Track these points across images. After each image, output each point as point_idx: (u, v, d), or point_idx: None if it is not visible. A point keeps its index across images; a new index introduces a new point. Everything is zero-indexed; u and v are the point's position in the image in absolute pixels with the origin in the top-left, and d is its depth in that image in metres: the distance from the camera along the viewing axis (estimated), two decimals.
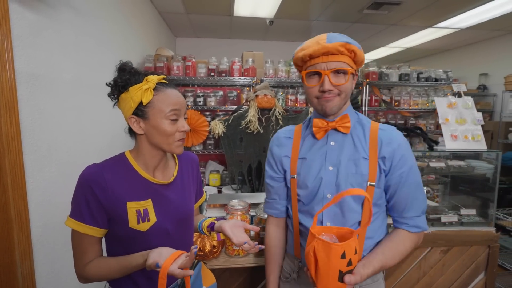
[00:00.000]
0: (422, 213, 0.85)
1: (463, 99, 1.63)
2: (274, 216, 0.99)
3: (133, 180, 0.79)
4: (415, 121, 3.17)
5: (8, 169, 1.09)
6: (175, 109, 0.76)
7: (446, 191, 2.22)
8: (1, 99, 1.06)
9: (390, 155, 0.81)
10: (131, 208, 0.76)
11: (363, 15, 3.60)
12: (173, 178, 0.86)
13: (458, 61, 5.27)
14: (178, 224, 0.85)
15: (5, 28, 1.07)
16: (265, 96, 2.67)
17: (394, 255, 0.81)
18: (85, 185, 0.74)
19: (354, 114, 0.90)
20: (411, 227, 0.84)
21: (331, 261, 0.64)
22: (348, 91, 0.83)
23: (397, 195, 0.83)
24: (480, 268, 1.57)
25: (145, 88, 0.73)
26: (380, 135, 0.83)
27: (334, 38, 0.78)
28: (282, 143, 0.94)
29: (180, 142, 0.80)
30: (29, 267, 1.19)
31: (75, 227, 0.75)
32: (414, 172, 0.83)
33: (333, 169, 0.84)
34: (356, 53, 0.78)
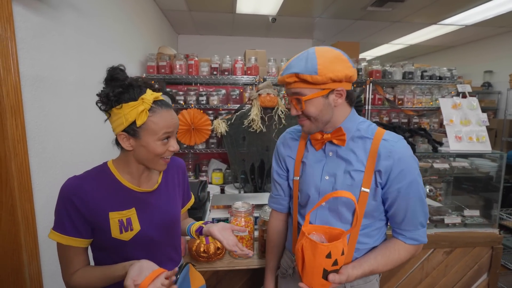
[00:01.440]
0: (422, 226, 0.84)
1: (468, 100, 1.62)
2: (278, 211, 1.04)
3: (115, 190, 0.79)
4: (418, 120, 3.16)
5: (15, 172, 1.10)
6: (169, 131, 0.76)
7: (449, 189, 2.21)
8: (6, 102, 1.06)
9: (386, 169, 0.79)
10: (113, 218, 0.76)
11: (366, 12, 3.56)
12: (157, 185, 0.85)
13: (463, 58, 5.22)
14: (163, 231, 0.85)
15: (10, 31, 1.07)
16: (268, 95, 2.66)
17: (386, 262, 0.82)
18: (66, 198, 0.74)
19: (354, 124, 0.86)
20: (407, 239, 0.84)
21: (317, 259, 0.68)
22: (315, 115, 0.81)
23: (394, 208, 0.83)
24: (483, 269, 1.57)
25: (141, 110, 0.71)
26: (381, 147, 0.81)
27: (287, 69, 0.80)
28: (288, 143, 0.98)
29: (165, 161, 0.79)
30: (36, 268, 1.21)
31: (58, 239, 0.75)
32: (415, 187, 0.80)
33: (330, 178, 0.85)
34: (307, 79, 0.76)
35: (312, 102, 0.80)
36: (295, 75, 0.78)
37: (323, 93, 0.79)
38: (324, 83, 0.77)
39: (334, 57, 0.78)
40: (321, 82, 0.76)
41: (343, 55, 0.80)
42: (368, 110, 2.99)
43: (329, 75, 0.76)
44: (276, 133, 2.80)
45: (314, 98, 0.79)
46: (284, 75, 0.81)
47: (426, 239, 0.85)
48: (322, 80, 0.76)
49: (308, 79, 0.76)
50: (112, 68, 0.78)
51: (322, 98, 0.80)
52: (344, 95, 0.81)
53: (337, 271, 0.72)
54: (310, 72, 0.76)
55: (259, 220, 1.25)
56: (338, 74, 0.76)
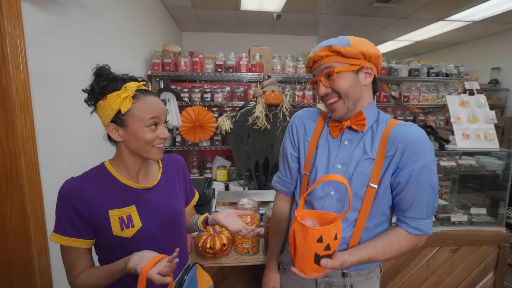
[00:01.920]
0: (428, 217, 0.81)
1: (476, 97, 1.60)
2: (283, 193, 1.03)
3: (114, 188, 0.79)
4: (424, 117, 3.13)
5: (24, 168, 1.12)
6: (154, 116, 0.76)
7: (455, 187, 2.20)
8: (16, 100, 1.08)
9: (400, 151, 0.78)
10: (113, 216, 0.76)
11: (372, 8, 3.52)
12: (156, 181, 0.86)
13: (470, 54, 5.15)
14: (165, 227, 0.85)
15: (19, 28, 1.08)
16: (272, 92, 2.65)
17: (385, 251, 0.80)
18: (64, 199, 0.74)
19: (374, 113, 0.86)
20: (410, 228, 0.81)
21: (308, 243, 0.68)
22: (346, 90, 0.80)
23: (403, 193, 0.80)
24: (489, 267, 1.57)
25: (124, 97, 0.72)
26: (394, 131, 0.80)
27: (319, 46, 0.82)
28: (304, 123, 0.95)
29: (158, 149, 0.79)
30: (45, 262, 1.23)
31: (59, 241, 0.75)
32: (427, 173, 0.77)
33: (341, 167, 0.85)
34: (341, 50, 0.78)
35: (343, 75, 0.80)
36: (327, 48, 0.80)
37: (354, 68, 0.80)
38: (356, 57, 0.79)
39: (363, 39, 0.82)
40: (354, 55, 0.78)
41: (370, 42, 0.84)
42: None
43: (361, 48, 0.78)
44: (280, 130, 2.80)
45: (346, 72, 0.80)
46: (316, 50, 0.82)
47: (431, 231, 0.82)
48: (355, 52, 0.78)
49: (341, 50, 0.78)
50: (98, 67, 0.80)
51: (353, 74, 0.81)
52: (373, 75, 0.83)
53: (330, 256, 0.71)
54: (344, 44, 0.79)
55: (264, 217, 1.26)
56: (369, 50, 0.79)
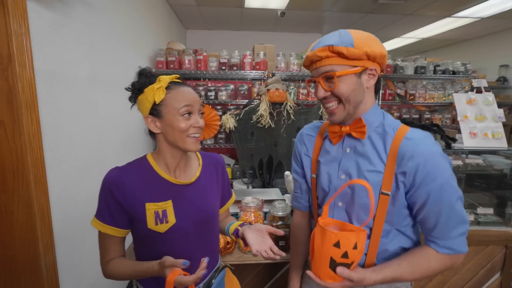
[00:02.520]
0: (460, 235, 0.73)
1: (484, 95, 1.57)
2: (298, 209, 1.01)
3: (153, 181, 0.80)
4: (430, 116, 3.09)
5: (31, 165, 1.13)
6: (188, 105, 0.76)
7: (461, 186, 2.17)
8: (22, 98, 1.09)
9: (412, 170, 0.72)
10: (149, 209, 0.78)
11: (378, 5, 3.48)
12: (194, 179, 0.85)
13: (477, 52, 5.07)
14: (199, 226, 0.84)
15: (24, 27, 1.09)
16: (276, 90, 2.64)
17: (413, 271, 0.74)
18: (106, 188, 0.77)
19: (378, 118, 0.79)
20: (440, 248, 0.74)
21: (324, 246, 0.67)
22: (347, 95, 0.74)
23: (424, 213, 0.74)
24: (496, 268, 1.54)
25: (157, 87, 0.75)
26: (403, 146, 0.73)
27: (318, 43, 0.75)
28: (304, 141, 0.94)
29: (194, 139, 0.79)
30: (52, 258, 1.24)
31: (97, 227, 0.79)
32: (447, 190, 0.71)
33: (346, 177, 0.80)
34: (343, 51, 0.71)
35: (344, 79, 0.74)
36: (328, 48, 0.72)
37: (357, 71, 0.73)
38: (359, 58, 0.72)
39: (368, 35, 0.74)
40: (357, 56, 0.71)
41: (375, 37, 0.75)
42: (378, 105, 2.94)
43: (366, 49, 0.71)
44: (284, 128, 2.79)
45: (347, 75, 0.74)
46: (315, 49, 0.74)
47: (465, 249, 0.74)
48: (359, 54, 0.71)
49: (343, 51, 0.70)
50: (141, 68, 0.83)
51: (355, 77, 0.74)
52: (377, 76, 0.76)
53: (348, 265, 0.69)
54: (346, 44, 0.71)
55: (268, 215, 1.25)
56: (374, 50, 0.72)
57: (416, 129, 0.77)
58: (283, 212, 1.22)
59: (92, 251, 1.58)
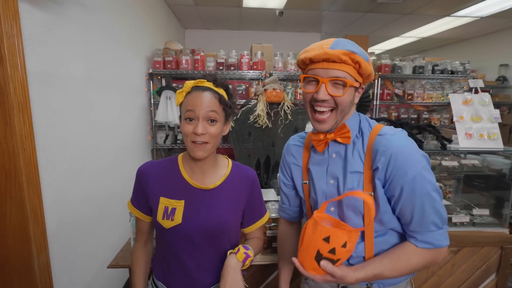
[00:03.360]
0: (438, 228, 0.73)
1: (480, 96, 1.56)
2: (285, 219, 1.01)
3: (174, 179, 0.85)
4: (428, 116, 3.08)
5: (23, 166, 1.13)
6: (189, 110, 0.77)
7: (459, 187, 2.16)
8: (14, 99, 1.08)
9: (384, 165, 0.73)
10: (161, 203, 0.83)
11: (376, 4, 3.47)
12: (213, 186, 0.85)
13: (477, 51, 5.05)
14: (205, 235, 0.83)
15: (16, 28, 1.09)
16: (274, 90, 2.64)
17: (393, 267, 0.74)
18: (137, 177, 0.87)
19: (356, 121, 0.81)
20: (419, 242, 0.74)
21: (314, 238, 0.69)
22: (345, 105, 0.75)
23: (400, 207, 0.75)
24: (492, 269, 1.54)
25: (179, 92, 0.80)
26: (376, 142, 0.75)
27: (339, 45, 0.71)
28: (291, 151, 0.94)
29: (193, 144, 0.77)
30: (45, 259, 1.24)
31: (129, 208, 0.90)
32: (420, 182, 0.71)
33: (334, 182, 0.81)
34: (361, 64, 0.71)
35: (349, 90, 0.75)
36: (350, 54, 0.70)
37: (357, 85, 0.76)
38: (362, 74, 0.75)
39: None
40: (364, 71, 0.73)
41: None
42: (376, 105, 2.94)
43: (370, 69, 0.74)
44: (282, 128, 2.79)
45: (351, 87, 0.75)
46: (339, 50, 0.70)
47: (446, 242, 0.74)
48: (367, 71, 0.73)
49: (361, 63, 0.71)
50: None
51: (354, 90, 0.77)
52: (361, 92, 0.79)
53: (333, 261, 0.70)
54: (366, 59, 0.72)
55: None
56: (371, 72, 0.75)
57: (388, 127, 0.79)
58: (277, 214, 1.22)
59: (87, 253, 1.58)
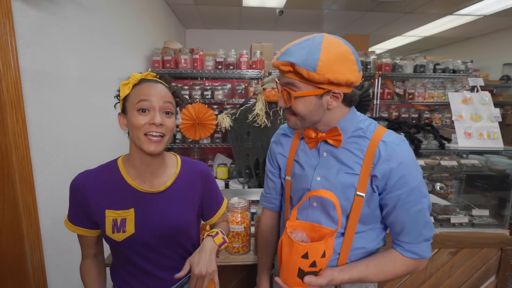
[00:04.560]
0: (425, 240, 0.76)
1: (480, 94, 1.54)
2: (269, 209, 1.02)
3: (118, 187, 0.77)
4: (430, 115, 3.05)
5: (16, 165, 1.13)
6: (143, 99, 0.71)
7: (461, 187, 2.13)
8: (6, 97, 1.08)
9: (384, 174, 0.72)
10: (108, 216, 0.76)
11: (377, 3, 3.44)
12: (164, 188, 0.80)
13: (480, 50, 4.98)
14: (163, 238, 0.80)
15: (9, 26, 1.09)
16: (272, 90, 2.62)
17: (378, 272, 0.76)
18: (71, 191, 0.78)
19: (353, 123, 0.78)
20: (406, 251, 0.77)
21: (292, 257, 0.68)
22: (304, 114, 0.73)
23: (393, 216, 0.76)
24: (491, 271, 1.51)
25: (125, 83, 0.74)
26: (380, 149, 0.73)
27: (283, 54, 0.70)
28: (280, 140, 0.93)
29: (150, 139, 0.72)
30: (39, 258, 1.24)
31: (68, 227, 0.81)
32: (416, 195, 0.72)
33: (321, 179, 0.80)
34: (304, 75, 0.67)
35: (303, 100, 0.72)
36: (290, 65, 0.68)
37: (317, 92, 0.70)
38: (320, 82, 0.68)
39: (340, 55, 0.67)
40: (318, 81, 0.67)
41: (352, 55, 0.69)
42: (376, 104, 2.91)
43: (328, 76, 0.66)
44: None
45: (306, 96, 0.71)
46: (279, 61, 0.70)
47: (429, 254, 0.77)
48: (319, 79, 0.67)
49: (303, 74, 0.67)
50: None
51: (315, 98, 0.71)
52: (341, 98, 0.72)
53: (316, 273, 0.69)
54: (308, 67, 0.66)
55: (256, 216, 1.24)
56: (338, 77, 0.66)
57: (392, 132, 0.77)
58: None
59: None
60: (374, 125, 0.78)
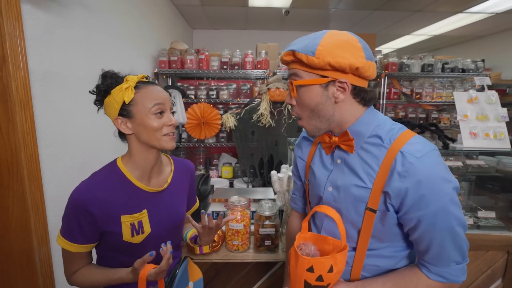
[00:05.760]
0: (456, 263, 0.66)
1: (486, 94, 1.50)
2: (295, 210, 1.01)
3: (127, 191, 0.78)
4: (438, 115, 2.99)
5: (24, 162, 1.17)
6: (158, 103, 0.75)
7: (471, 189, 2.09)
8: (16, 97, 1.13)
9: (399, 192, 0.63)
10: (125, 222, 0.76)
11: (385, 1, 3.39)
12: (166, 185, 0.86)
13: (493, 48, 4.85)
14: (171, 231, 0.86)
15: (18, 29, 1.13)
16: (277, 89, 2.63)
17: None
18: (77, 207, 0.72)
19: (370, 127, 0.70)
20: (432, 274, 0.67)
21: (298, 270, 0.67)
22: (311, 106, 0.68)
23: (416, 236, 0.66)
24: (497, 274, 1.48)
25: (126, 87, 0.74)
26: (396, 162, 0.63)
27: (287, 46, 0.70)
28: (300, 144, 0.91)
29: (168, 137, 0.78)
30: (46, 252, 1.29)
31: (66, 247, 0.75)
32: (444, 217, 0.62)
33: (332, 190, 0.75)
34: (303, 60, 0.65)
35: (307, 89, 0.68)
36: (292, 53, 0.67)
37: (321, 81, 0.66)
38: (321, 68, 0.64)
39: (343, 41, 0.64)
40: (318, 66, 0.64)
41: (358, 42, 0.66)
42: (382, 104, 2.88)
43: (328, 59, 0.62)
44: (285, 127, 2.77)
45: (310, 85, 0.67)
46: (283, 52, 0.71)
47: (462, 278, 0.66)
48: (319, 64, 0.63)
49: (303, 59, 0.64)
50: (104, 71, 0.82)
51: (320, 88, 0.67)
52: (348, 90, 0.66)
53: (324, 287, 0.67)
54: (307, 52, 0.64)
55: (255, 214, 1.25)
56: (339, 60, 0.62)
57: (419, 140, 0.66)
58: (270, 212, 1.22)
59: None
60: (397, 131, 0.68)
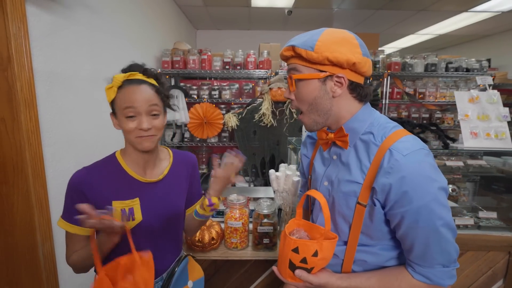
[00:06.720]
0: (442, 266, 0.65)
1: (488, 93, 1.49)
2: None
3: (121, 179, 0.81)
4: (441, 115, 2.97)
5: (29, 160, 1.20)
6: (129, 106, 0.74)
7: (476, 189, 2.07)
8: (20, 96, 1.16)
9: (383, 188, 0.65)
10: (116, 207, 0.79)
11: (389, 0, 3.38)
12: (162, 176, 0.87)
13: (499, 48, 4.79)
14: (165, 222, 0.86)
15: (23, 30, 1.16)
16: (279, 89, 2.63)
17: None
18: (73, 188, 0.77)
19: (365, 124, 0.72)
20: (416, 273, 0.68)
21: (285, 249, 0.71)
22: (310, 100, 0.71)
23: (401, 234, 0.68)
24: (498, 275, 1.47)
25: (109, 87, 0.76)
26: (384, 159, 0.65)
27: (287, 42, 0.73)
28: (305, 142, 0.96)
29: (141, 138, 0.76)
30: (49, 248, 1.32)
31: (65, 227, 0.80)
32: (426, 215, 0.62)
33: (327, 185, 0.78)
34: (303, 55, 0.68)
35: (306, 83, 0.70)
36: (292, 48, 0.70)
37: (320, 76, 0.69)
38: (320, 63, 0.67)
39: (341, 38, 0.67)
40: (316, 60, 0.67)
41: (356, 40, 0.69)
42: (385, 104, 2.87)
43: (326, 54, 0.66)
44: (287, 127, 2.78)
45: (309, 80, 0.70)
46: (283, 48, 0.73)
47: (449, 282, 0.66)
48: (318, 58, 0.66)
49: (302, 53, 0.68)
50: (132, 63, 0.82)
51: (319, 82, 0.70)
52: (345, 84, 0.69)
53: (308, 270, 0.70)
54: (306, 47, 0.67)
55: (254, 213, 1.26)
56: (337, 55, 0.65)
57: (409, 139, 0.67)
58: (268, 210, 1.23)
59: None
60: (390, 129, 0.70)
